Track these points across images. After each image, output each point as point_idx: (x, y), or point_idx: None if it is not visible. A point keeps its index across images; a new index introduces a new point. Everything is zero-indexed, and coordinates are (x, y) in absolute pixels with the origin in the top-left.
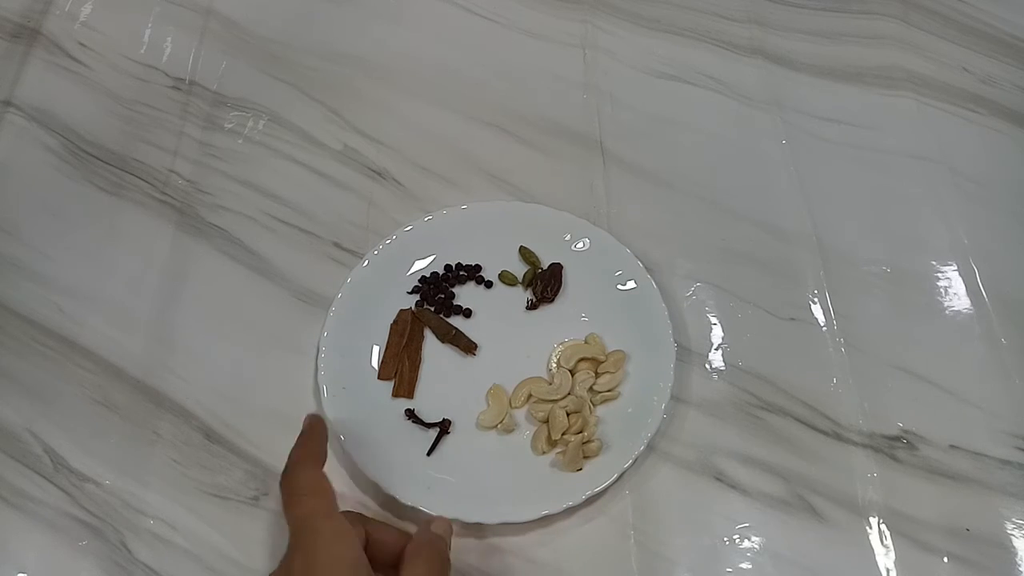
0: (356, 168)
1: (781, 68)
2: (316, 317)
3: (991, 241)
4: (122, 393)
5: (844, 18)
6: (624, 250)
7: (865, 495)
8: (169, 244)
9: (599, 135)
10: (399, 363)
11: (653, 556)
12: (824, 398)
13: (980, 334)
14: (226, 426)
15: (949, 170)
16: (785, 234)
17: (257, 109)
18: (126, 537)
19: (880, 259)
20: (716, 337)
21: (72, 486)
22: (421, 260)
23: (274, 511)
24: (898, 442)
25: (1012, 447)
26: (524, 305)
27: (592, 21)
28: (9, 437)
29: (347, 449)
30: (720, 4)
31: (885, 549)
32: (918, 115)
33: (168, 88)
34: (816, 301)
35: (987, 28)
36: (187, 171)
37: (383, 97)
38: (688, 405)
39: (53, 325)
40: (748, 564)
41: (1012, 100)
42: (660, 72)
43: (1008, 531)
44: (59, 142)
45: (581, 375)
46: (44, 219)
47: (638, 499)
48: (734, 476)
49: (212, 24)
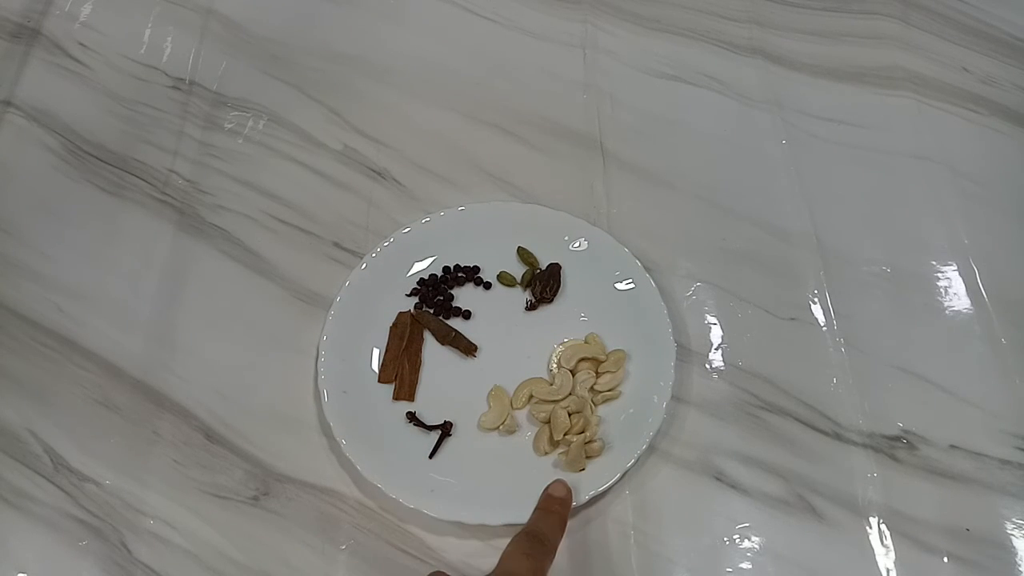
0: (356, 168)
1: (781, 68)
2: (316, 317)
3: (991, 241)
4: (122, 393)
5: (844, 18)
6: (622, 249)
7: (865, 495)
8: (169, 244)
9: (599, 135)
10: (399, 366)
11: (653, 556)
12: (824, 398)
13: (980, 334)
14: (226, 426)
15: (949, 170)
16: (785, 234)
17: (257, 109)
18: (126, 537)
19: (880, 259)
20: (716, 337)
21: (72, 486)
22: (419, 262)
23: (274, 511)
24: (898, 442)
25: (1012, 447)
26: (523, 306)
27: (592, 21)
28: (9, 437)
29: (349, 453)
30: (720, 4)
31: (885, 549)
32: (918, 115)
33: (168, 88)
34: (816, 301)
35: (987, 28)
36: (187, 171)
37: (383, 97)
38: (688, 405)
39: (53, 325)
40: (748, 564)
41: (1012, 100)
42: (660, 72)
43: (1008, 531)
44: (59, 142)
45: (582, 375)
46: (44, 219)
47: (638, 499)
48: (734, 476)
49: (212, 24)
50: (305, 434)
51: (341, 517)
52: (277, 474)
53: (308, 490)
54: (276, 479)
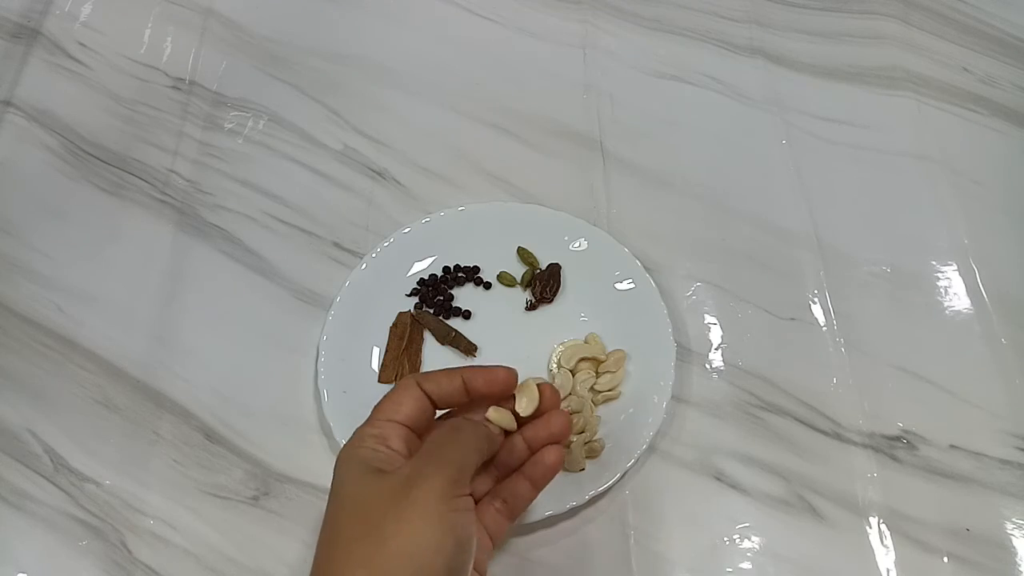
0: (356, 168)
1: (781, 68)
2: (316, 317)
3: (991, 241)
4: (122, 393)
5: (844, 18)
6: (622, 249)
7: (865, 495)
8: (169, 244)
9: (599, 135)
10: (399, 366)
11: (653, 556)
12: (824, 398)
13: (980, 334)
14: (226, 426)
15: (949, 170)
16: (785, 234)
17: (257, 109)
18: (126, 537)
19: (880, 259)
20: (716, 337)
21: (72, 486)
22: (419, 262)
23: (274, 511)
24: (898, 442)
25: (1012, 447)
26: (523, 306)
27: (592, 21)
28: (9, 437)
29: None
30: (720, 4)
31: (885, 549)
32: (918, 115)
33: (168, 88)
34: (816, 301)
35: (987, 28)
36: (187, 171)
37: (383, 97)
38: (688, 405)
39: (53, 325)
40: (748, 564)
41: (1012, 100)
42: (660, 72)
43: (1008, 531)
44: (59, 142)
45: (582, 375)
46: (44, 219)
47: (638, 499)
48: (734, 476)
49: (212, 24)
50: (305, 434)
51: None
52: (277, 474)
53: (308, 490)
54: (276, 479)
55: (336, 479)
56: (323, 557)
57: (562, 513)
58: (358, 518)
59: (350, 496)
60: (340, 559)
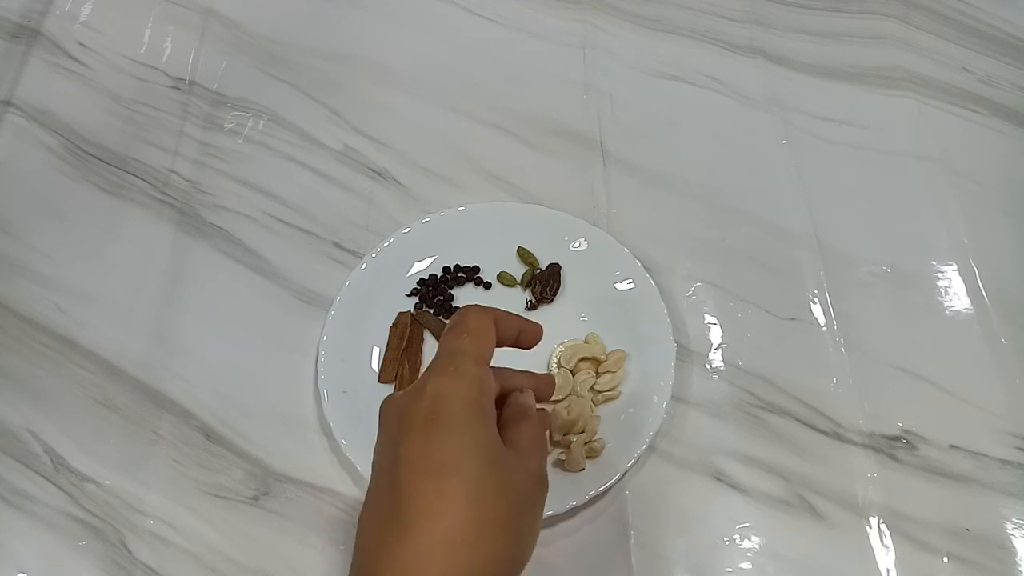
0: (356, 168)
1: (781, 68)
2: (316, 317)
3: (991, 241)
4: (122, 393)
5: (844, 18)
6: (622, 249)
7: (865, 495)
8: (169, 244)
9: (599, 135)
10: (399, 366)
11: (653, 556)
12: (824, 398)
13: (980, 334)
14: (226, 426)
15: (949, 170)
16: (785, 234)
17: (257, 109)
18: (126, 537)
19: (880, 259)
20: (716, 337)
21: (72, 486)
22: (419, 262)
23: (274, 511)
24: (898, 442)
25: (1012, 447)
26: (523, 306)
27: (592, 21)
28: (9, 437)
29: (349, 453)
30: (720, 4)
31: (885, 549)
32: (918, 115)
33: (168, 88)
34: (816, 301)
35: (987, 28)
36: (187, 171)
37: (383, 97)
38: (688, 405)
39: (53, 325)
40: (748, 564)
41: (1012, 100)
42: (660, 72)
43: (1008, 531)
44: (59, 142)
45: (582, 375)
46: (44, 219)
47: (638, 499)
48: (734, 476)
49: (212, 24)
50: (305, 434)
51: (341, 517)
52: (277, 474)
53: (308, 490)
54: (276, 479)
55: (473, 427)
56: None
57: (562, 513)
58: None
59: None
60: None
